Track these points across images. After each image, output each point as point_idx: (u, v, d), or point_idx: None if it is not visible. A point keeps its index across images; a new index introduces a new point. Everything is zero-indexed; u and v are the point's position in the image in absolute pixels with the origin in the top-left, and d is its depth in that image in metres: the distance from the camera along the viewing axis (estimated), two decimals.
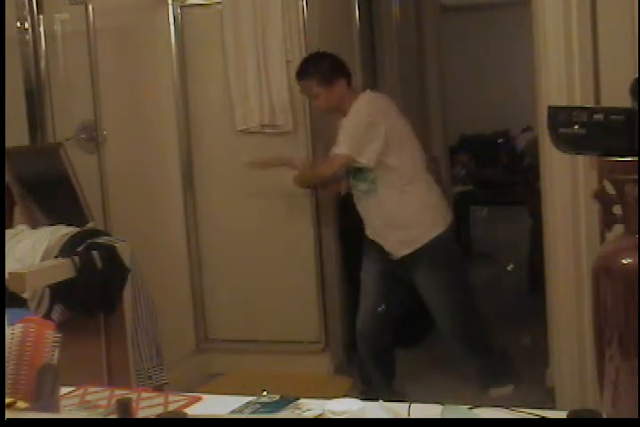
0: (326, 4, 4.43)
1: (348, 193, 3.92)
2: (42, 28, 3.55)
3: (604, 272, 1.30)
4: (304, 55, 4.07)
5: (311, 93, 3.80)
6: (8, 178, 3.14)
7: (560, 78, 3.28)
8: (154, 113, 4.29)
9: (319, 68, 3.75)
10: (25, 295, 2.72)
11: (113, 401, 1.64)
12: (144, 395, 1.76)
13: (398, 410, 1.57)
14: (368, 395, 3.72)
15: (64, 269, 2.80)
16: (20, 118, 3.52)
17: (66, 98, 3.70)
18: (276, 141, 4.27)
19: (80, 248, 2.89)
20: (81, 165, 3.57)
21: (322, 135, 4.26)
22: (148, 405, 1.69)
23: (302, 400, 1.68)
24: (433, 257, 3.76)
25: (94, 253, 2.89)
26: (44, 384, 1.52)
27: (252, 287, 4.40)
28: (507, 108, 9.13)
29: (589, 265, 1.35)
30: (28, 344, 1.57)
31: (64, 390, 1.70)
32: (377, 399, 1.61)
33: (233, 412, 1.65)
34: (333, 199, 4.36)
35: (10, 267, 2.68)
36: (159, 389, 2.95)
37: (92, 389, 1.80)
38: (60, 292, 2.81)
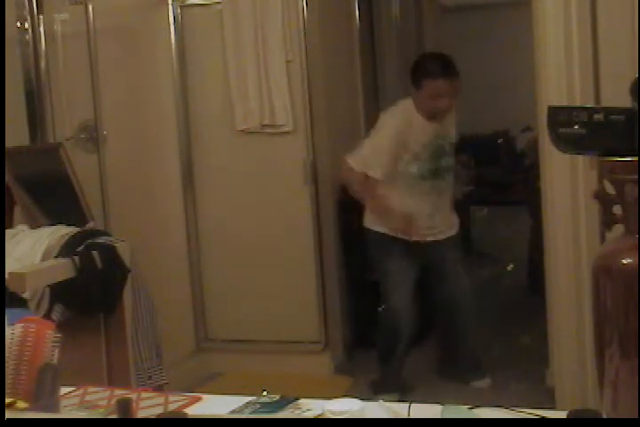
0: (326, 4, 4.43)
1: (347, 194, 3.92)
2: (42, 28, 3.55)
3: (604, 272, 1.30)
4: (303, 53, 4.08)
5: (452, 91, 3.82)
6: (8, 178, 3.14)
7: (560, 78, 3.28)
8: (154, 113, 4.28)
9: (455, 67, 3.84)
10: (25, 295, 2.72)
11: (113, 401, 1.64)
12: (144, 395, 1.76)
13: (398, 410, 1.57)
14: (380, 388, 3.80)
15: (64, 269, 2.80)
16: (20, 118, 3.52)
17: (66, 98, 3.70)
18: (276, 141, 4.27)
19: (80, 248, 2.89)
20: (81, 165, 3.56)
21: (322, 135, 4.26)
22: (148, 405, 1.69)
23: (302, 400, 1.68)
24: (459, 241, 4.05)
25: (94, 253, 2.89)
26: (44, 384, 1.52)
27: (252, 288, 4.40)
28: (507, 108, 9.10)
29: (589, 265, 1.35)
30: (28, 344, 1.57)
31: (64, 390, 1.69)
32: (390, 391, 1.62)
33: (233, 412, 1.65)
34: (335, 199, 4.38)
35: (10, 267, 2.67)
36: (159, 389, 2.94)
37: (91, 389, 1.80)
38: (59, 292, 2.81)
